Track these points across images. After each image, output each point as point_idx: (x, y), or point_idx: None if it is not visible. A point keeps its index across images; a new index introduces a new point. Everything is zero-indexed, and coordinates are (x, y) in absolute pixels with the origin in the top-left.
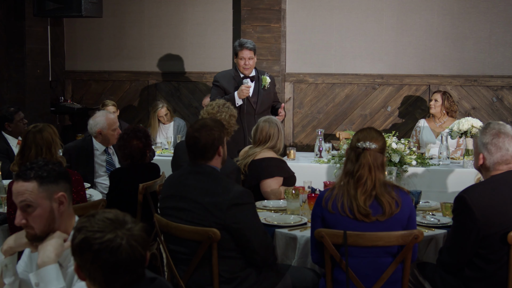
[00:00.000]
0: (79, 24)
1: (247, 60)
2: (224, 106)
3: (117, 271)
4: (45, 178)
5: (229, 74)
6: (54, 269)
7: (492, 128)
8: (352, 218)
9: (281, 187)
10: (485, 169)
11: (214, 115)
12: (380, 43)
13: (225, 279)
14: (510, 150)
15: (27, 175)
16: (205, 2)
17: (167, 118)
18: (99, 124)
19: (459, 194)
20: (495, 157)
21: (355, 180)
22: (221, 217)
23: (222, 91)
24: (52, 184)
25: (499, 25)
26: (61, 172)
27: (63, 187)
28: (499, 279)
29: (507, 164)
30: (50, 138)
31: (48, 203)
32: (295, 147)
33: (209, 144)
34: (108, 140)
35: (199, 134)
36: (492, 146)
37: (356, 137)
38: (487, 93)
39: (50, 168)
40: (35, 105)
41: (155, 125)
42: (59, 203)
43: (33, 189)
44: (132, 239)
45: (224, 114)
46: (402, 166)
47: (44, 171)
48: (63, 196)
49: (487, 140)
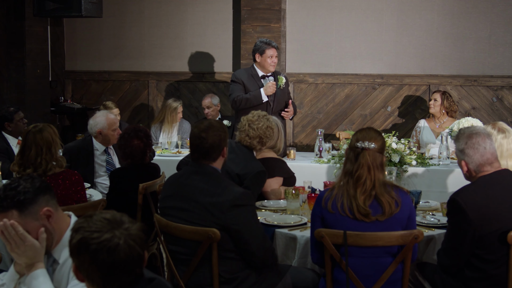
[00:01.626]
0: (79, 24)
1: (274, 57)
2: (264, 117)
3: (115, 271)
4: (22, 202)
5: (247, 72)
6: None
7: (463, 133)
8: (352, 218)
9: (281, 187)
10: (471, 175)
11: (252, 123)
12: (380, 43)
13: (225, 280)
14: (487, 148)
15: (4, 206)
16: (205, 2)
17: (181, 116)
18: (99, 124)
19: (451, 197)
20: (475, 158)
21: (354, 180)
22: (221, 218)
23: (243, 87)
24: (33, 205)
25: (499, 25)
26: (37, 188)
27: (44, 201)
28: (499, 279)
29: (490, 164)
30: (50, 138)
31: (36, 223)
32: (295, 147)
33: (215, 145)
34: (108, 140)
35: (206, 134)
36: (469, 149)
37: (355, 137)
38: (487, 93)
39: (23, 188)
40: (35, 105)
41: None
42: (47, 217)
43: (15, 218)
44: (130, 238)
45: (262, 124)
46: (402, 166)
47: (19, 195)
48: (48, 211)
49: (462, 146)
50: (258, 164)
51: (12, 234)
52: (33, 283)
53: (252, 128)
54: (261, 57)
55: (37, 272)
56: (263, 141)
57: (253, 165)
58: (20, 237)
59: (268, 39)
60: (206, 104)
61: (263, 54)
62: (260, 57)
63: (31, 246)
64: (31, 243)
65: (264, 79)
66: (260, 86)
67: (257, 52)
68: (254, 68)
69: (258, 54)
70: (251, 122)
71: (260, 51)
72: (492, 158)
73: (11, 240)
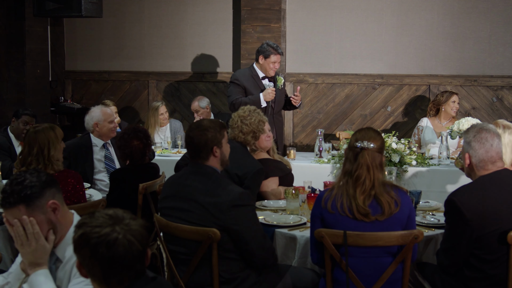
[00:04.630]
0: (79, 24)
1: (277, 63)
2: (255, 111)
3: (114, 265)
4: (29, 196)
5: (248, 73)
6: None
7: (474, 127)
8: (352, 218)
9: (281, 187)
10: (472, 170)
11: (244, 118)
12: (380, 43)
13: (225, 280)
14: (494, 145)
15: (11, 202)
16: (205, 2)
17: (165, 117)
18: (94, 117)
19: (449, 197)
20: (480, 153)
21: (353, 179)
22: (221, 218)
23: (242, 89)
24: (39, 199)
25: (499, 25)
26: (43, 181)
27: (50, 194)
28: (498, 279)
29: (493, 163)
30: (46, 140)
31: (43, 216)
32: (295, 147)
33: (201, 144)
34: (106, 133)
35: (192, 133)
36: (475, 142)
37: (354, 137)
38: (487, 93)
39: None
40: (35, 105)
41: (155, 124)
42: (53, 210)
43: (23, 213)
44: (129, 233)
45: (254, 118)
46: (402, 166)
47: (26, 189)
48: (54, 203)
49: (470, 138)
50: (254, 162)
51: (29, 232)
52: (36, 283)
53: (245, 124)
54: (264, 60)
55: (40, 271)
56: (257, 135)
57: (250, 163)
58: (35, 235)
59: (276, 44)
60: (194, 108)
61: (267, 58)
62: (264, 60)
63: (43, 246)
64: (43, 243)
65: (264, 79)
66: (260, 87)
67: (262, 54)
68: (254, 68)
69: (262, 57)
70: (243, 118)
71: (265, 54)
72: (496, 157)
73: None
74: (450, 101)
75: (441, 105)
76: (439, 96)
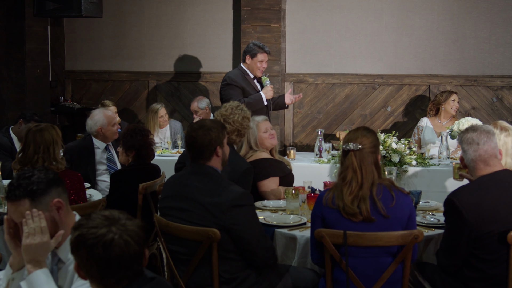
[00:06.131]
0: (79, 24)
1: (265, 63)
2: (238, 108)
3: (111, 265)
4: (35, 191)
5: (240, 74)
6: (43, 274)
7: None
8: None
9: (281, 187)
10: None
11: (227, 117)
12: (380, 43)
13: (225, 280)
14: (481, 144)
15: (16, 195)
16: (205, 2)
17: (165, 119)
18: (98, 122)
19: (448, 197)
20: (469, 153)
21: (341, 180)
22: (221, 218)
23: (241, 90)
24: (45, 196)
25: (499, 25)
26: (50, 179)
27: (56, 193)
28: (498, 279)
29: (484, 161)
30: (50, 138)
31: (47, 214)
32: (295, 147)
33: (205, 144)
34: (109, 136)
35: (196, 134)
36: (464, 144)
37: (345, 138)
38: (487, 93)
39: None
40: (35, 105)
41: (155, 127)
42: (57, 208)
43: (27, 208)
44: (126, 234)
45: (237, 116)
46: (402, 166)
47: (32, 184)
48: (58, 202)
49: (460, 141)
50: (242, 161)
51: (36, 225)
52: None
53: (228, 123)
54: (251, 59)
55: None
56: (242, 133)
57: (238, 163)
58: (42, 230)
59: (261, 43)
60: (193, 109)
61: (254, 58)
62: (251, 60)
63: (47, 243)
64: (48, 240)
65: (255, 79)
66: (254, 87)
67: (248, 54)
68: (243, 68)
69: (249, 56)
70: (226, 117)
71: (251, 54)
72: (486, 156)
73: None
74: (450, 100)
75: (441, 105)
76: (439, 96)
